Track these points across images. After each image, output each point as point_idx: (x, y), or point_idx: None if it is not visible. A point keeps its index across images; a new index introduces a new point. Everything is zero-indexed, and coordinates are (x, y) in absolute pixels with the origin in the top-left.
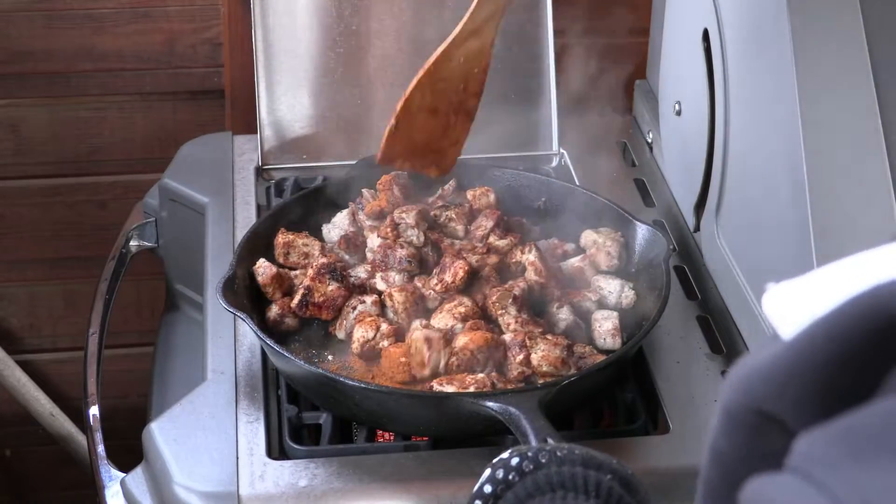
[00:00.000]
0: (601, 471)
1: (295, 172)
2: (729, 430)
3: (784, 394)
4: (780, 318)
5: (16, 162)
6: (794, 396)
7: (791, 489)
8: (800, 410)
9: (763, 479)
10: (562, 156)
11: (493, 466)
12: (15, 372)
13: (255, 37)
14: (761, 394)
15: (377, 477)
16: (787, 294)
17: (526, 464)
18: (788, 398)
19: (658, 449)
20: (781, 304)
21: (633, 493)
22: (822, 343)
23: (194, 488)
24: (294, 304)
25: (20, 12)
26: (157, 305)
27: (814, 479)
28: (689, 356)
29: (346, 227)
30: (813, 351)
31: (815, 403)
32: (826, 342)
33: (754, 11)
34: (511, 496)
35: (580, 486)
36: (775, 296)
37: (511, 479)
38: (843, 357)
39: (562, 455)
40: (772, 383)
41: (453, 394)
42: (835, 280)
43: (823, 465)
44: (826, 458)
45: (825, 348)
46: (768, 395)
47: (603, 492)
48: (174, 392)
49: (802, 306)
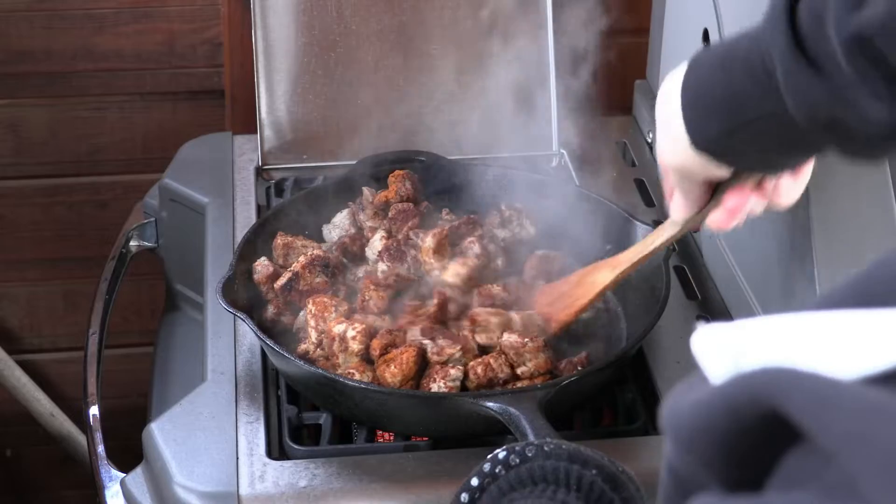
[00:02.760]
0: (586, 466)
1: (295, 172)
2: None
3: (693, 448)
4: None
5: (16, 162)
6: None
7: None
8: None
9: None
10: (562, 156)
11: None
12: (15, 372)
13: (255, 37)
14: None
15: (377, 477)
16: (713, 338)
17: (513, 458)
18: (698, 453)
19: (658, 449)
20: (706, 345)
21: (618, 489)
22: (721, 412)
23: (194, 488)
24: (278, 285)
25: (20, 12)
26: (157, 305)
27: None
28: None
29: (347, 227)
30: (713, 418)
31: (721, 463)
32: (723, 412)
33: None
34: (495, 489)
35: (562, 479)
36: (702, 338)
37: (497, 473)
38: (737, 430)
39: (548, 450)
40: (684, 432)
41: (453, 394)
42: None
43: None
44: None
45: (723, 417)
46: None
47: (584, 486)
48: (174, 392)
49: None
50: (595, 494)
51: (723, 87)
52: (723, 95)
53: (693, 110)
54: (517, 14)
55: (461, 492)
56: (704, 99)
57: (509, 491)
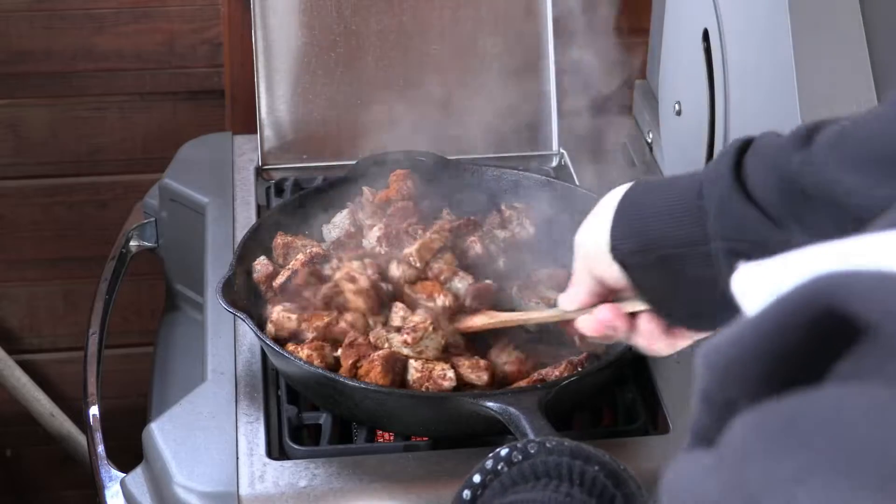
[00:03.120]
0: (589, 462)
1: (295, 172)
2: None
3: (735, 375)
4: (746, 298)
5: (16, 162)
6: (743, 378)
7: (697, 471)
8: (749, 393)
9: (686, 455)
10: (562, 156)
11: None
12: (15, 372)
13: (255, 37)
14: (718, 375)
15: (377, 477)
16: (754, 274)
17: (515, 454)
18: (739, 379)
19: (658, 449)
20: (748, 284)
21: (620, 485)
22: (766, 329)
23: (194, 488)
24: (277, 283)
25: (20, 12)
26: (157, 305)
27: (722, 463)
28: (689, 356)
29: (347, 227)
30: (758, 336)
31: (762, 389)
32: (769, 329)
33: (754, 11)
34: (497, 484)
35: (565, 474)
36: (743, 275)
37: (500, 469)
38: (785, 345)
39: (551, 446)
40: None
41: (453, 394)
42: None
43: (731, 450)
44: (735, 444)
45: (768, 335)
46: (723, 377)
47: (587, 481)
48: (174, 392)
49: (767, 288)
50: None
51: (654, 207)
52: (652, 214)
53: (621, 218)
54: (517, 14)
55: (463, 488)
56: (635, 211)
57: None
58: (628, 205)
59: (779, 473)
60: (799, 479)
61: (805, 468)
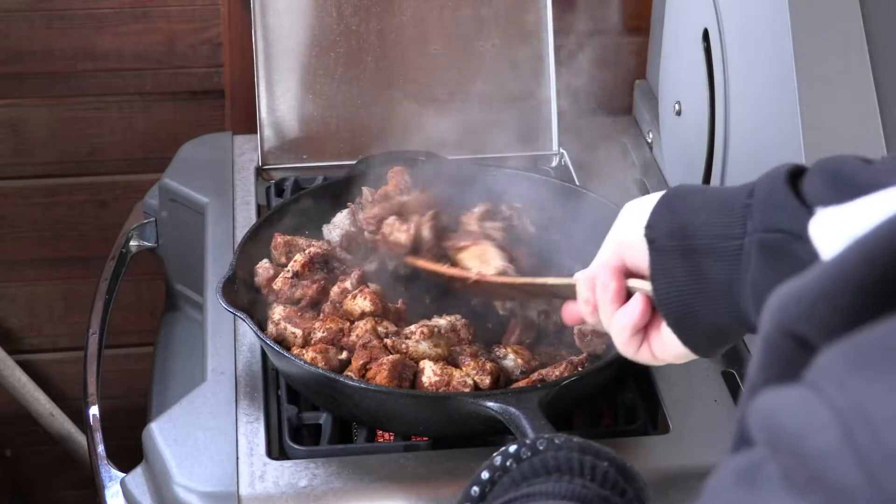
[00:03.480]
0: (599, 457)
1: (295, 172)
2: (764, 362)
3: (813, 314)
4: (824, 240)
5: (16, 162)
6: (825, 319)
7: (796, 398)
8: (828, 333)
9: (774, 390)
10: (562, 156)
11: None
12: (15, 372)
13: (255, 37)
14: (793, 314)
15: (377, 477)
16: (832, 218)
17: (524, 451)
18: (818, 320)
19: (658, 449)
20: (826, 227)
21: (629, 480)
22: (854, 264)
23: (194, 488)
24: (278, 287)
25: (20, 12)
26: (157, 305)
27: (820, 389)
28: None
29: (347, 227)
30: (844, 272)
31: (843, 326)
32: (858, 265)
33: (754, 11)
34: (507, 480)
35: (576, 468)
36: (822, 220)
37: (508, 466)
38: (872, 280)
39: (559, 442)
40: (803, 304)
41: (453, 394)
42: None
43: (830, 376)
44: (833, 370)
45: (856, 270)
46: (800, 316)
47: (598, 475)
48: (174, 392)
49: (845, 230)
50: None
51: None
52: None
53: (666, 202)
54: (517, 14)
55: (471, 484)
56: (681, 199)
57: (522, 481)
58: (678, 192)
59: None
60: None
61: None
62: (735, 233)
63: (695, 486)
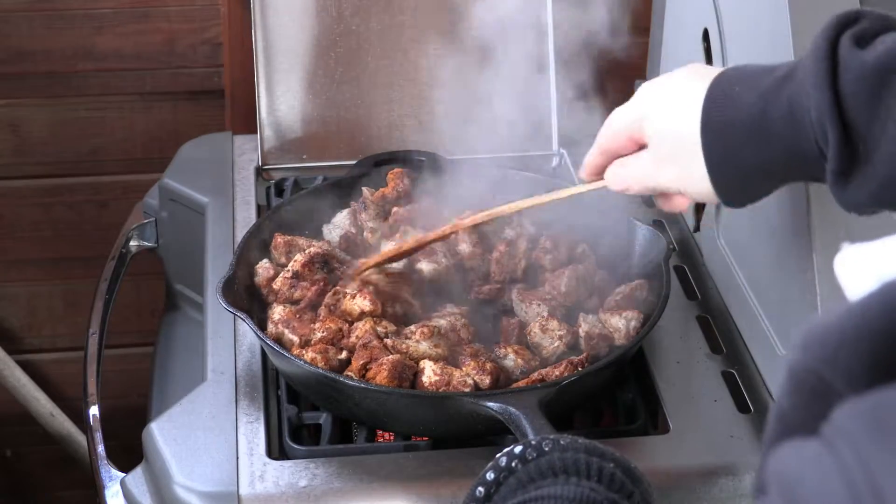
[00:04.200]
0: (605, 459)
1: (295, 172)
2: (790, 389)
3: (836, 359)
4: (849, 280)
5: (16, 162)
6: (845, 363)
7: (811, 456)
8: (851, 380)
9: (793, 443)
10: (562, 156)
11: (497, 456)
12: (15, 372)
13: (255, 37)
14: (818, 356)
15: (377, 477)
16: (858, 256)
17: (529, 452)
18: (840, 364)
19: (658, 449)
20: (852, 266)
21: (636, 482)
22: (877, 313)
23: (194, 488)
24: (278, 286)
25: (20, 12)
26: (157, 305)
27: (835, 450)
28: (689, 356)
29: (347, 227)
30: (867, 319)
31: (867, 375)
32: (880, 313)
33: (754, 11)
34: (513, 481)
35: (583, 470)
36: (847, 257)
37: (514, 467)
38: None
39: (565, 444)
40: (827, 347)
41: (453, 394)
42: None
43: (845, 437)
44: (849, 430)
45: (878, 319)
46: (824, 359)
47: (605, 477)
48: (174, 392)
49: (871, 271)
50: (617, 485)
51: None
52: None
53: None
54: (517, 14)
55: (477, 485)
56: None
57: (529, 483)
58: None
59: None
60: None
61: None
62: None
63: (695, 486)
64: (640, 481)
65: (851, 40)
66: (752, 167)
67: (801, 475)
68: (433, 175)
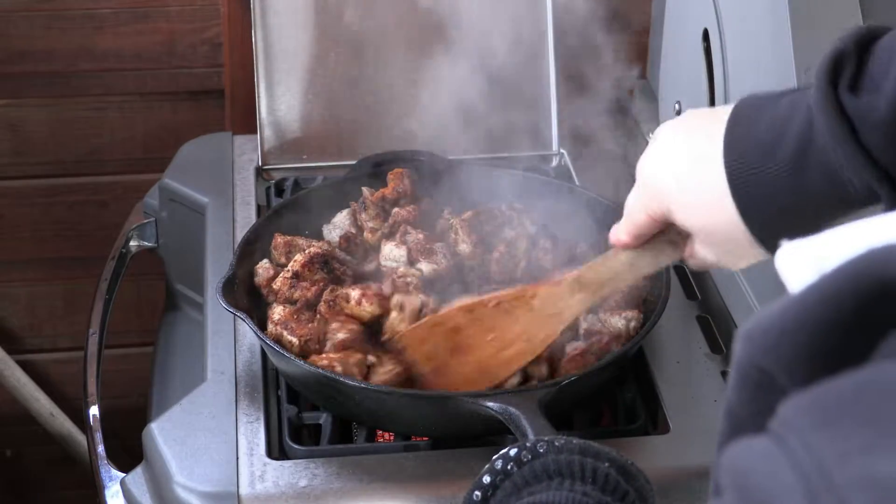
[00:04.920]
0: (599, 459)
1: (295, 172)
2: (736, 384)
3: (777, 352)
4: (790, 274)
5: (16, 162)
6: (786, 356)
7: (762, 451)
8: (791, 371)
9: (743, 441)
10: (562, 156)
11: (493, 459)
12: (15, 372)
13: (255, 37)
14: (760, 349)
15: (377, 477)
16: (798, 251)
17: (524, 454)
18: (781, 357)
19: (658, 449)
20: (792, 260)
21: (630, 480)
22: (814, 304)
23: (194, 488)
24: (278, 287)
25: (20, 12)
26: (157, 305)
27: (784, 443)
28: (689, 356)
29: (347, 227)
30: (805, 311)
31: (806, 366)
32: (817, 304)
33: (754, 11)
34: (509, 484)
35: (577, 472)
36: (787, 252)
37: (510, 470)
38: (834, 320)
39: (560, 445)
40: (768, 340)
41: (453, 394)
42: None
43: (794, 430)
44: (797, 423)
45: (816, 310)
46: (766, 352)
47: (600, 478)
48: (174, 392)
49: (811, 264)
50: (611, 486)
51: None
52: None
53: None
54: (517, 14)
55: (473, 489)
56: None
57: (524, 486)
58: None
59: (849, 447)
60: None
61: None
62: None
63: (695, 486)
64: (636, 479)
65: (849, 91)
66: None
67: (753, 471)
68: (433, 175)
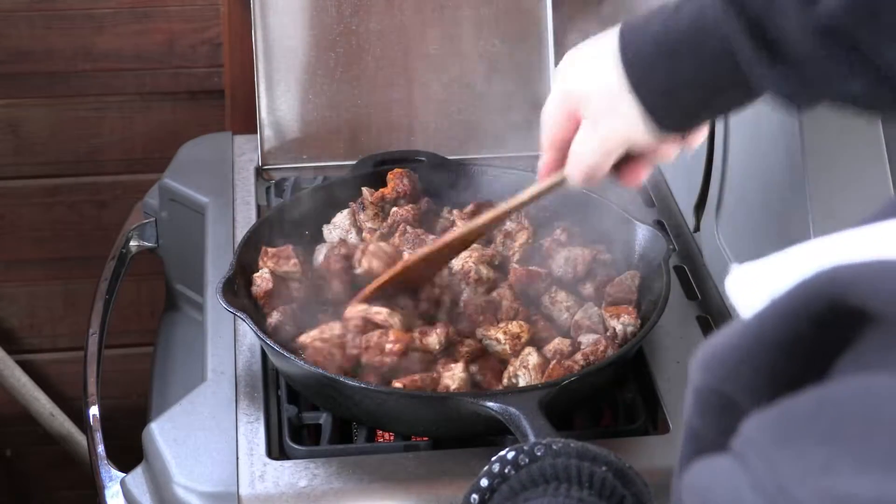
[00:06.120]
0: (596, 463)
1: (295, 172)
2: (697, 410)
3: (737, 376)
4: (741, 299)
5: (16, 162)
6: (745, 379)
7: (723, 471)
8: (751, 393)
9: (704, 461)
10: None
11: (490, 462)
12: (15, 372)
13: (255, 37)
14: (720, 375)
15: (377, 477)
16: (748, 275)
17: (522, 457)
18: (741, 381)
19: (658, 449)
20: (743, 285)
21: (628, 484)
22: (770, 327)
23: (194, 488)
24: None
25: (20, 12)
26: (157, 305)
27: (745, 462)
28: (689, 356)
29: (347, 227)
30: (762, 334)
31: (766, 387)
32: (773, 326)
33: None
34: (506, 488)
35: (574, 477)
36: (738, 277)
37: (507, 473)
38: (791, 340)
39: (557, 448)
40: (726, 365)
41: (453, 394)
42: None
43: (755, 448)
44: (758, 441)
45: (772, 332)
46: (724, 377)
47: (596, 483)
48: (174, 392)
49: (762, 288)
50: (607, 491)
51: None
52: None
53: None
54: (517, 14)
55: (470, 493)
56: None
57: (521, 490)
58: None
59: (809, 465)
60: (829, 468)
61: (834, 457)
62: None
63: None
64: (633, 483)
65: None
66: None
67: (715, 489)
68: (433, 175)
